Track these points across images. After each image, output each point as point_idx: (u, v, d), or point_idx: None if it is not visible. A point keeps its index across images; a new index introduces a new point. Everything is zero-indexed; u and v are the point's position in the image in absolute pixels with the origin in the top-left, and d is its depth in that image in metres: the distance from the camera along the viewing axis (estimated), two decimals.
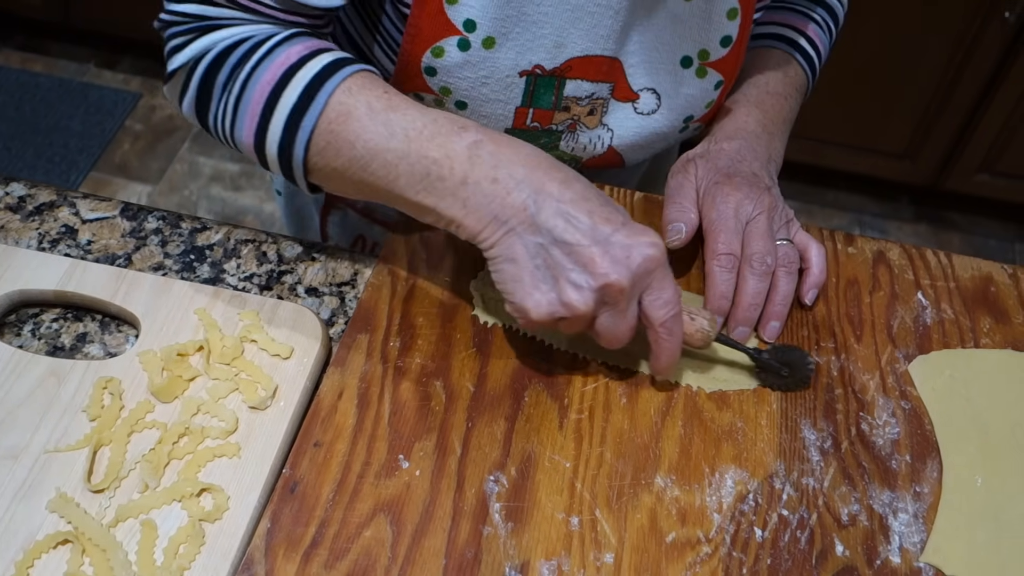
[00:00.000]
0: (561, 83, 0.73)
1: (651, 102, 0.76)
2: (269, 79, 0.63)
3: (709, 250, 0.69)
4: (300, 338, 0.67)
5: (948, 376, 0.67)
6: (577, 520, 0.58)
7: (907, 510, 0.60)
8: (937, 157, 2.04)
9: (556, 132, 0.77)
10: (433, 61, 0.70)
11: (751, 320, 0.68)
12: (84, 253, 0.73)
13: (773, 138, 0.78)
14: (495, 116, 0.75)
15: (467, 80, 0.71)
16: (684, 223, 0.71)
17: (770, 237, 0.69)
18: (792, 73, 0.83)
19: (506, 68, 0.71)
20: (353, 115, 0.62)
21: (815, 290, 0.71)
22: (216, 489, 0.59)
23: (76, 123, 2.27)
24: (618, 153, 0.81)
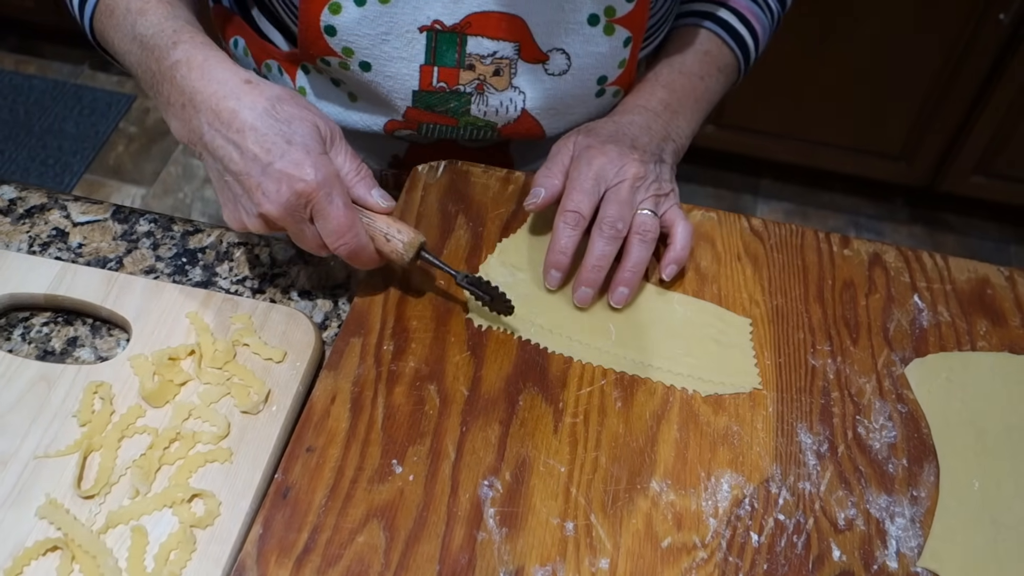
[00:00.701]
0: (463, 40, 0.73)
1: (561, 62, 0.76)
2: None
3: (560, 207, 0.69)
4: (293, 342, 0.66)
5: (945, 379, 0.66)
6: (572, 525, 0.58)
7: (904, 514, 0.60)
8: (932, 159, 2.04)
9: (465, 94, 0.77)
10: (331, 19, 0.72)
11: (595, 282, 0.68)
12: (75, 256, 0.72)
13: (676, 116, 0.78)
14: (400, 76, 0.75)
15: (367, 37, 0.72)
16: (545, 187, 0.71)
17: (628, 204, 0.69)
18: (715, 52, 0.82)
19: (405, 23, 0.72)
20: (115, 13, 0.69)
21: (674, 266, 0.71)
22: (207, 495, 0.58)
23: (70, 125, 2.26)
24: (534, 118, 0.80)
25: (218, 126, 0.61)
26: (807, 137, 2.07)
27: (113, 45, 0.70)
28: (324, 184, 0.61)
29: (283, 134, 0.61)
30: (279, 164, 0.60)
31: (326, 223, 0.62)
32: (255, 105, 0.61)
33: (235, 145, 0.61)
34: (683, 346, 0.67)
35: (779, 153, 2.12)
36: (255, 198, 0.61)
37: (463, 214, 0.75)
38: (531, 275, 0.71)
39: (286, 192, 0.60)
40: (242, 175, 0.61)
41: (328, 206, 0.61)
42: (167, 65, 0.64)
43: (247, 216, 0.62)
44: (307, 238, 0.63)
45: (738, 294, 0.71)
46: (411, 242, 0.65)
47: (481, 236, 0.73)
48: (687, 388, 0.65)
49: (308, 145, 0.61)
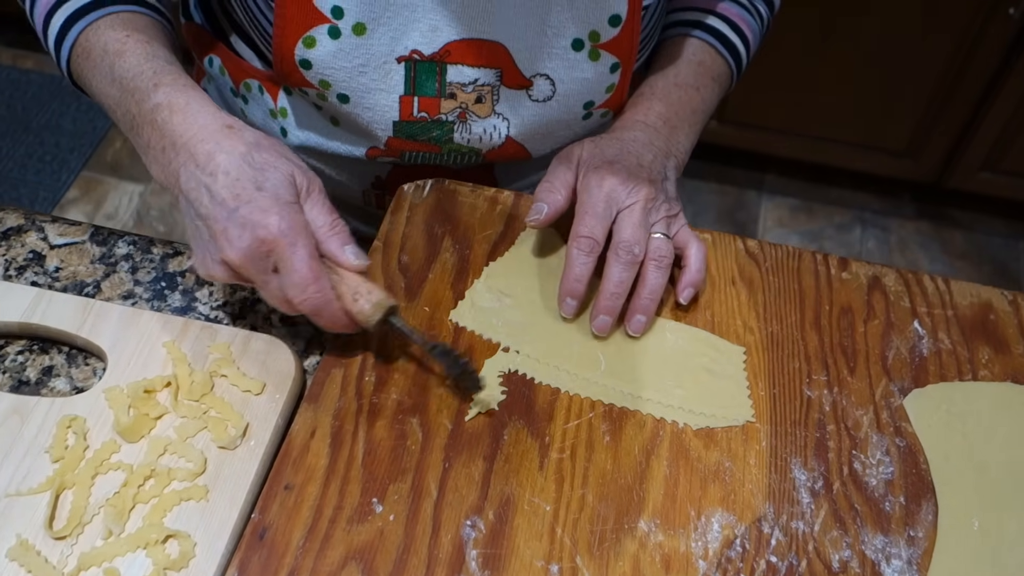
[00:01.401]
0: (443, 69, 0.71)
1: (545, 88, 0.74)
2: (44, 3, 0.70)
3: (572, 232, 0.67)
4: (272, 372, 0.64)
5: (945, 411, 0.64)
6: (557, 568, 0.56)
7: (901, 556, 0.58)
8: (940, 154, 2.01)
9: (447, 122, 0.75)
10: (306, 52, 0.69)
11: (613, 309, 0.66)
12: (52, 281, 0.70)
13: (675, 131, 0.75)
14: (379, 107, 0.73)
15: (343, 70, 0.70)
16: (547, 204, 0.68)
17: (641, 227, 0.67)
18: (709, 62, 0.80)
19: (382, 55, 0.70)
20: (91, 55, 0.67)
21: (691, 289, 0.69)
22: (182, 536, 0.56)
23: (67, 121, 2.24)
24: (519, 144, 0.78)
25: (193, 168, 0.60)
26: (813, 133, 2.04)
27: (91, 87, 0.68)
28: (288, 233, 0.58)
29: (254, 180, 0.59)
30: (244, 210, 0.58)
31: (289, 275, 0.59)
32: (233, 150, 0.60)
33: (206, 188, 0.59)
34: (674, 376, 0.65)
35: (784, 149, 2.09)
36: (219, 243, 0.59)
37: (449, 236, 0.73)
38: (518, 300, 0.69)
39: (248, 239, 0.58)
40: (209, 218, 0.59)
41: (291, 257, 0.58)
42: (147, 108, 0.62)
43: (212, 263, 0.60)
44: (271, 290, 0.60)
45: (732, 320, 0.69)
46: (379, 303, 0.61)
47: (468, 259, 0.71)
48: (678, 421, 0.63)
49: (278, 193, 0.59)
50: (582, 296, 0.67)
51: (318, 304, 0.59)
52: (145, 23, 0.69)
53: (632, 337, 0.67)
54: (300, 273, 0.58)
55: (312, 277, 0.59)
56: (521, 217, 0.75)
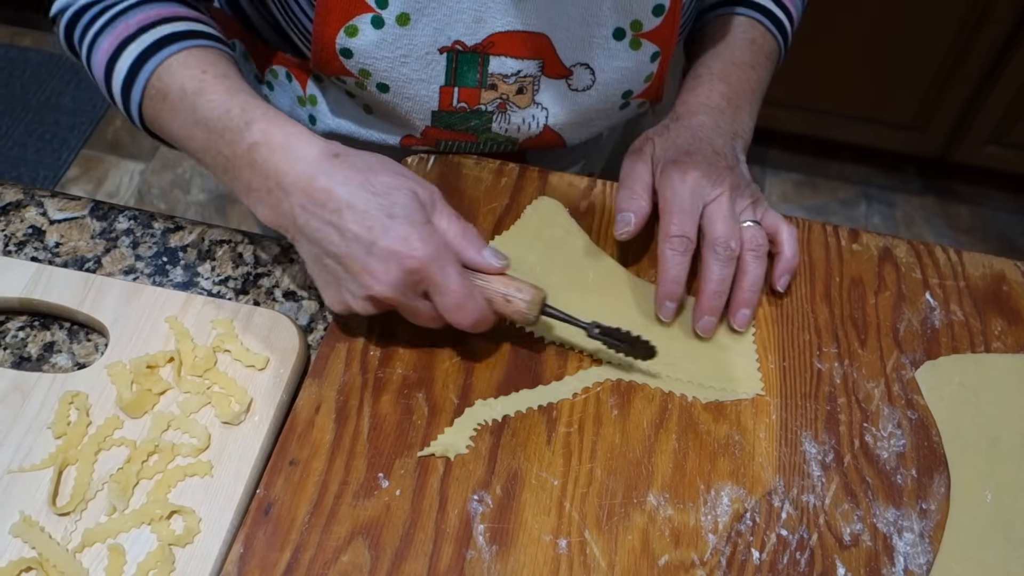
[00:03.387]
0: (485, 60, 0.70)
1: (585, 78, 0.72)
2: (107, 48, 0.65)
3: (662, 232, 0.65)
4: (276, 347, 0.64)
5: (957, 383, 0.64)
6: (565, 542, 0.55)
7: (913, 529, 0.57)
8: (946, 128, 1.99)
9: (486, 112, 0.74)
10: (348, 41, 0.67)
11: (717, 309, 0.65)
12: (52, 256, 0.69)
13: (739, 112, 0.74)
14: (419, 97, 0.71)
15: (385, 60, 0.68)
16: (633, 212, 0.66)
17: (733, 219, 0.65)
18: (760, 40, 0.78)
19: (424, 45, 0.68)
20: (168, 97, 0.63)
21: (788, 275, 0.67)
22: (187, 511, 0.56)
23: (67, 100, 2.23)
24: (556, 132, 0.77)
25: (312, 208, 0.57)
26: (817, 107, 2.02)
27: (171, 132, 0.64)
28: (435, 257, 0.56)
29: (383, 208, 0.56)
30: (384, 242, 0.55)
31: (443, 297, 0.57)
32: (349, 180, 0.57)
33: (333, 226, 0.56)
34: (683, 349, 0.64)
35: (788, 123, 2.07)
36: (362, 280, 0.56)
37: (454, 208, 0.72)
38: (525, 273, 0.68)
39: (395, 271, 0.55)
40: (344, 257, 0.56)
41: (443, 279, 0.56)
42: (243, 149, 0.59)
43: (353, 299, 0.58)
44: (421, 313, 0.58)
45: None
46: (534, 300, 0.59)
47: None
48: (687, 395, 0.62)
49: (411, 217, 0.56)
50: (681, 298, 0.65)
51: (476, 318, 0.58)
52: (216, 56, 0.65)
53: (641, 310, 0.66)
54: (456, 293, 0.57)
55: (467, 293, 0.57)
56: (527, 189, 0.74)
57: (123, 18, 0.65)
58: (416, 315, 0.59)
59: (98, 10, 0.67)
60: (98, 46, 0.66)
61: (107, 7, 0.66)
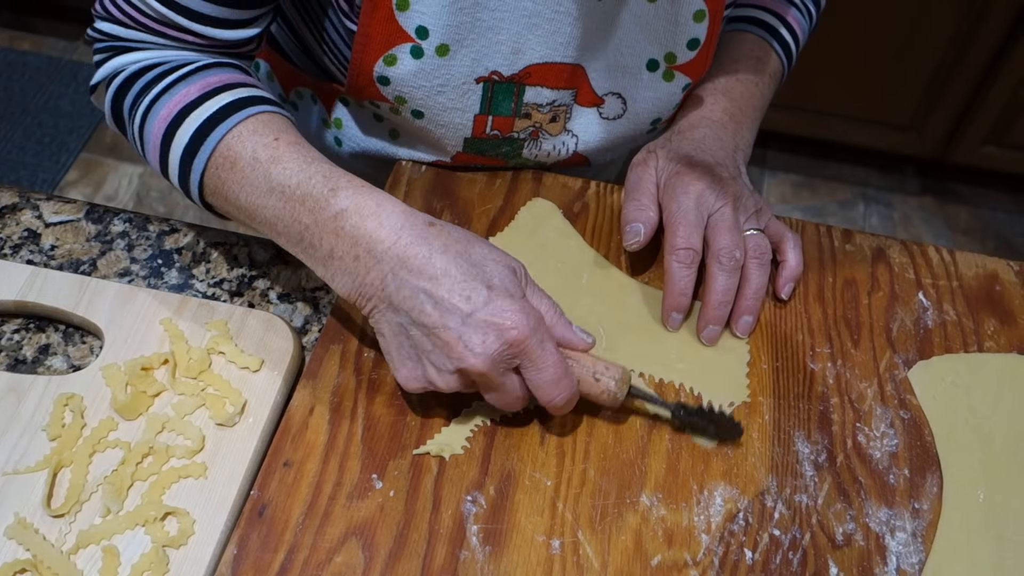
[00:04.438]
0: (520, 89, 0.70)
1: (616, 107, 0.73)
2: (165, 116, 0.62)
3: (668, 244, 0.65)
4: (271, 349, 0.64)
5: (950, 383, 0.64)
6: (558, 543, 0.55)
7: (905, 528, 0.57)
8: (944, 129, 1.99)
9: (518, 140, 0.74)
10: (386, 70, 0.67)
11: (722, 319, 0.65)
12: (47, 259, 0.70)
13: (741, 127, 0.74)
14: (453, 125, 0.71)
15: (422, 89, 0.68)
16: (642, 223, 0.66)
17: (736, 229, 0.66)
18: (764, 58, 0.79)
19: (462, 76, 0.68)
20: (237, 164, 0.60)
21: (792, 283, 0.68)
22: (181, 513, 0.56)
23: (66, 103, 2.23)
24: (583, 156, 0.78)
25: (404, 275, 0.54)
26: (815, 108, 2.02)
27: (237, 201, 0.61)
28: (535, 331, 0.54)
29: (483, 279, 0.54)
30: (483, 313, 0.53)
31: (539, 373, 0.54)
32: (447, 249, 0.55)
33: (427, 294, 0.54)
34: (676, 350, 0.65)
35: (786, 124, 2.07)
36: (455, 352, 0.53)
37: (448, 211, 0.72)
38: None
39: (494, 343, 0.53)
40: (438, 328, 0.54)
41: (542, 353, 0.54)
42: (328, 216, 0.56)
43: (438, 373, 0.55)
44: (508, 391, 0.55)
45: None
46: (623, 379, 0.58)
47: None
48: (680, 395, 0.62)
49: (510, 290, 0.55)
50: (688, 309, 0.66)
51: (569, 396, 0.56)
52: (285, 123, 0.63)
53: (633, 310, 0.67)
54: (553, 369, 0.55)
55: (563, 371, 0.55)
56: (521, 191, 0.74)
57: (182, 85, 0.63)
58: (502, 393, 0.56)
59: (155, 75, 0.64)
60: (154, 114, 0.62)
61: (163, 74, 0.64)
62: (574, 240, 0.71)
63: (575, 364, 0.57)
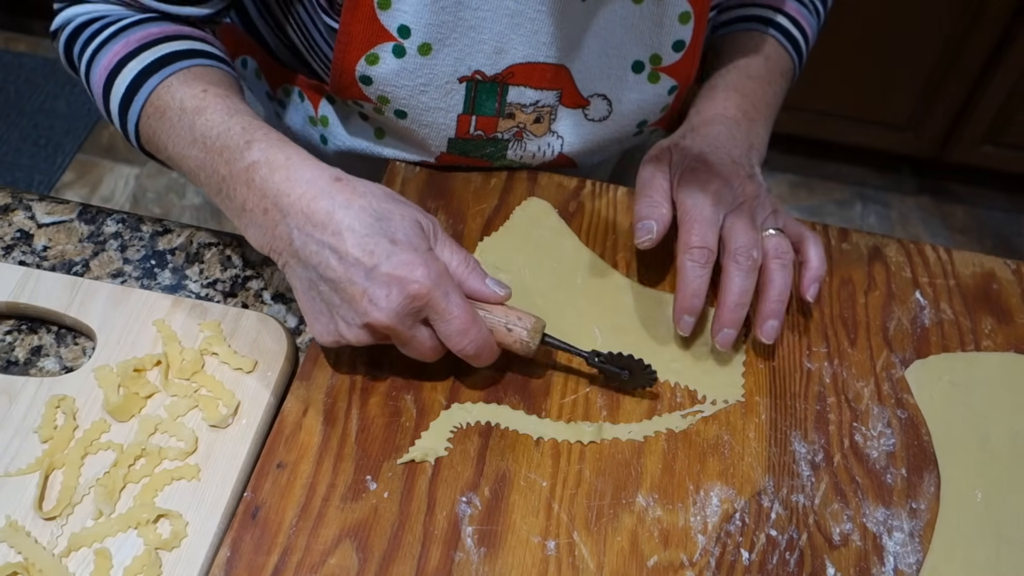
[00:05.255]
0: (504, 89, 0.69)
1: (602, 108, 0.73)
2: (106, 65, 0.65)
3: (681, 243, 0.63)
4: (264, 350, 0.63)
5: (947, 382, 0.63)
6: (554, 544, 0.55)
7: (902, 528, 0.57)
8: (941, 128, 1.99)
9: (502, 141, 0.74)
10: (368, 69, 0.67)
11: (737, 321, 0.62)
12: (40, 260, 0.69)
13: (754, 124, 0.73)
14: (436, 125, 0.71)
15: (404, 88, 0.68)
16: (655, 220, 0.64)
17: (754, 228, 0.63)
18: (775, 56, 0.78)
19: (445, 75, 0.68)
20: (166, 114, 0.62)
21: (816, 285, 0.65)
22: (174, 515, 0.56)
23: (62, 104, 2.22)
24: (569, 158, 0.77)
25: (310, 229, 0.55)
26: (812, 108, 2.01)
27: (167, 150, 0.62)
28: (439, 283, 0.54)
29: (386, 233, 0.55)
30: (386, 267, 0.54)
31: (447, 324, 0.55)
32: (351, 204, 0.55)
33: (332, 249, 0.54)
34: (671, 350, 0.64)
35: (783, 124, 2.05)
36: (360, 307, 0.54)
37: (443, 211, 0.72)
38: (513, 275, 0.68)
39: (397, 297, 0.54)
40: (342, 282, 0.54)
41: (447, 305, 0.55)
42: (241, 168, 0.57)
43: (347, 327, 0.56)
44: (420, 343, 0.56)
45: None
46: (535, 328, 0.58)
47: (462, 234, 0.70)
48: (676, 395, 0.62)
49: (414, 243, 0.55)
50: (700, 311, 0.63)
51: (480, 345, 0.56)
52: (219, 76, 0.64)
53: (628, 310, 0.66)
54: (460, 319, 0.55)
55: (471, 319, 0.56)
56: (516, 190, 0.74)
57: (124, 35, 0.64)
58: (414, 345, 0.57)
59: (99, 26, 0.66)
60: (97, 62, 0.65)
61: (108, 23, 0.65)
62: (569, 240, 0.71)
63: (488, 316, 0.58)
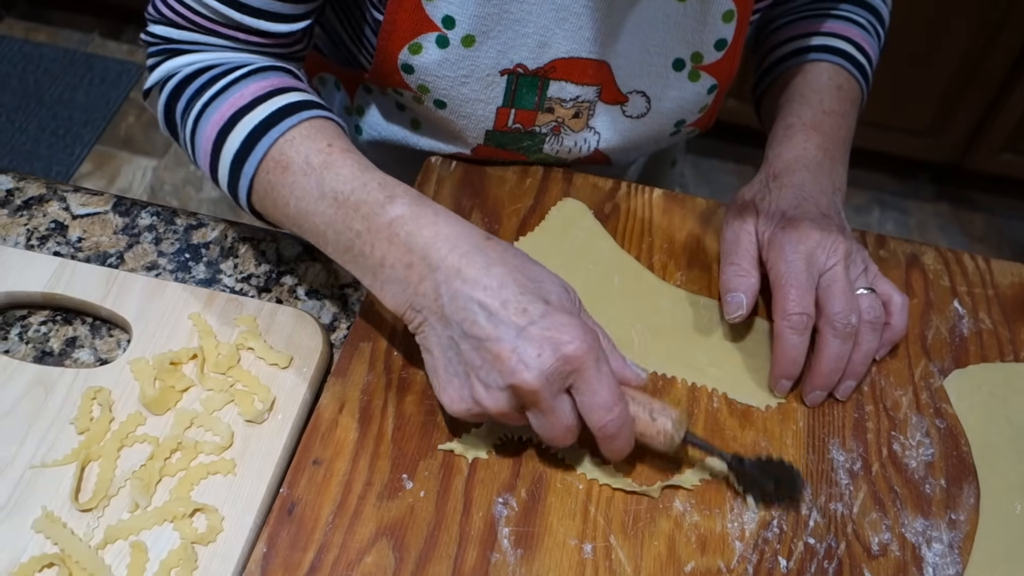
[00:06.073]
0: (545, 84, 0.69)
1: (640, 105, 0.72)
2: (218, 119, 0.61)
3: (779, 308, 0.61)
4: (299, 345, 0.63)
5: (986, 392, 0.63)
6: (590, 547, 0.55)
7: (942, 539, 0.56)
8: (961, 135, 1.98)
9: (539, 135, 0.73)
10: (410, 58, 0.67)
11: (830, 385, 0.61)
12: (74, 251, 0.69)
13: (835, 163, 0.70)
14: (475, 116, 0.71)
15: (446, 79, 0.68)
16: (744, 292, 0.62)
17: (850, 291, 0.61)
18: (846, 86, 0.75)
19: (486, 67, 0.68)
20: (290, 169, 0.59)
21: (888, 347, 0.65)
22: (210, 509, 0.56)
23: (80, 95, 2.23)
24: (604, 154, 0.77)
25: (458, 285, 0.52)
26: None
27: (288, 207, 0.60)
28: (592, 349, 0.51)
29: (540, 294, 0.52)
30: (539, 327, 0.51)
31: (593, 396, 0.51)
32: (504, 262, 0.53)
33: (481, 305, 0.51)
34: (708, 355, 0.64)
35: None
36: (507, 366, 0.50)
37: (478, 209, 0.72)
38: None
39: (550, 357, 0.50)
40: (489, 340, 0.51)
41: (597, 374, 0.51)
42: (383, 222, 0.55)
43: (486, 391, 0.52)
44: (559, 416, 0.52)
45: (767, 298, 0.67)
46: (680, 420, 0.54)
47: (497, 234, 0.70)
48: (712, 400, 0.62)
49: (566, 307, 0.53)
50: (795, 378, 0.62)
51: (620, 426, 0.53)
52: (336, 130, 0.62)
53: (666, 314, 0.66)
54: (608, 391, 0.52)
55: (618, 396, 0.52)
56: (551, 190, 0.74)
57: (235, 88, 0.62)
58: (553, 419, 0.52)
59: (207, 79, 0.63)
60: (207, 117, 0.62)
61: (216, 77, 0.63)
62: (605, 241, 0.70)
63: (630, 400, 0.54)
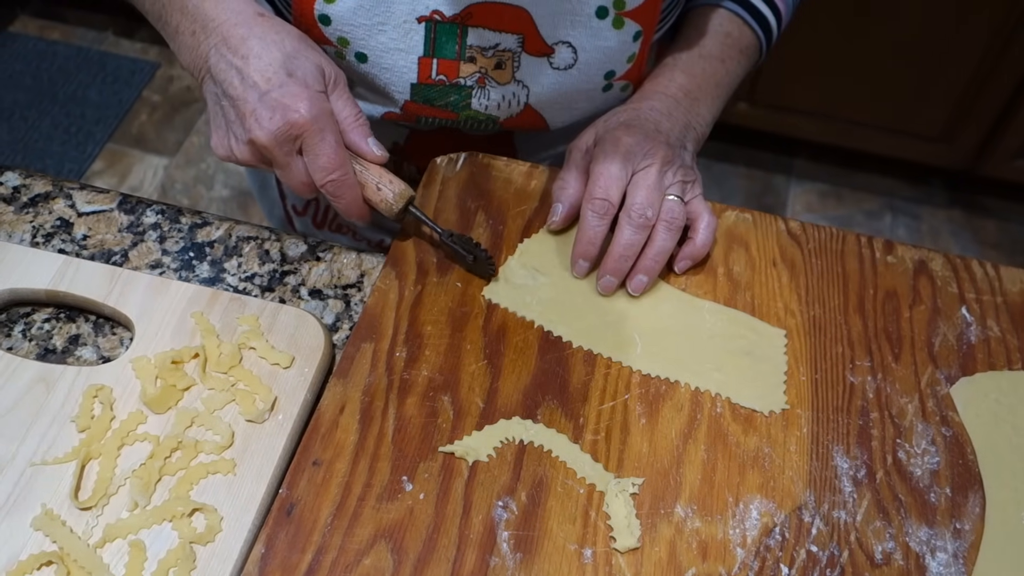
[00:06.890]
0: (464, 31, 0.70)
1: (567, 56, 0.72)
2: None
3: (587, 193, 0.66)
4: (301, 345, 0.63)
5: (993, 401, 0.62)
6: (590, 552, 0.54)
7: (946, 549, 0.56)
8: (974, 141, 1.97)
9: (465, 87, 0.73)
10: (325, 7, 0.69)
11: (620, 271, 0.66)
12: (79, 249, 0.69)
13: (696, 103, 0.74)
14: (397, 68, 0.72)
15: (362, 27, 0.69)
16: (562, 202, 0.69)
17: (656, 190, 0.66)
18: (736, 34, 0.78)
19: (402, 13, 0.69)
20: None
21: (688, 261, 0.68)
22: (209, 509, 0.55)
23: (93, 93, 2.24)
24: (537, 112, 0.76)
25: (224, 51, 0.62)
26: (843, 116, 2.00)
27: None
28: (317, 120, 0.61)
29: (285, 66, 0.62)
30: (276, 93, 0.60)
31: (315, 158, 0.62)
32: (265, 36, 0.62)
33: (237, 70, 0.62)
34: (712, 360, 0.63)
35: (814, 132, 2.05)
36: (247, 124, 0.61)
37: (483, 211, 0.71)
38: (553, 278, 0.67)
39: (278, 121, 0.60)
40: (238, 100, 0.61)
41: (319, 142, 0.62)
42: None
43: (236, 142, 0.63)
44: (293, 172, 0.63)
45: (773, 303, 0.67)
46: (401, 193, 0.65)
47: (502, 235, 0.70)
48: (716, 405, 0.61)
49: (308, 80, 0.62)
50: (595, 258, 0.67)
51: (341, 186, 0.63)
52: None
53: (670, 318, 0.66)
54: (327, 156, 0.62)
55: (338, 162, 0.63)
56: None
57: None
58: (288, 173, 0.63)
59: None
60: None
61: None
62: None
63: (364, 171, 0.65)
